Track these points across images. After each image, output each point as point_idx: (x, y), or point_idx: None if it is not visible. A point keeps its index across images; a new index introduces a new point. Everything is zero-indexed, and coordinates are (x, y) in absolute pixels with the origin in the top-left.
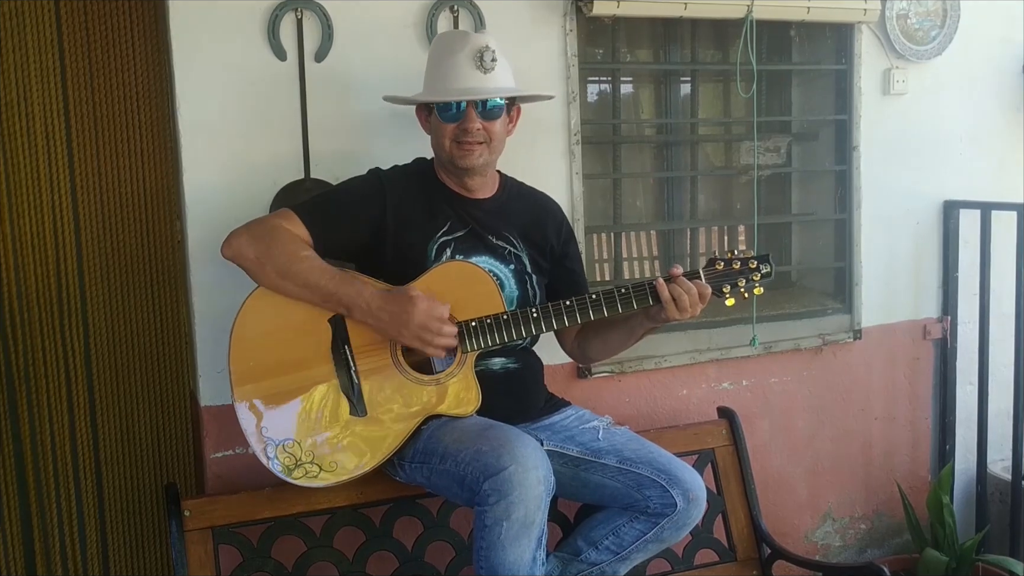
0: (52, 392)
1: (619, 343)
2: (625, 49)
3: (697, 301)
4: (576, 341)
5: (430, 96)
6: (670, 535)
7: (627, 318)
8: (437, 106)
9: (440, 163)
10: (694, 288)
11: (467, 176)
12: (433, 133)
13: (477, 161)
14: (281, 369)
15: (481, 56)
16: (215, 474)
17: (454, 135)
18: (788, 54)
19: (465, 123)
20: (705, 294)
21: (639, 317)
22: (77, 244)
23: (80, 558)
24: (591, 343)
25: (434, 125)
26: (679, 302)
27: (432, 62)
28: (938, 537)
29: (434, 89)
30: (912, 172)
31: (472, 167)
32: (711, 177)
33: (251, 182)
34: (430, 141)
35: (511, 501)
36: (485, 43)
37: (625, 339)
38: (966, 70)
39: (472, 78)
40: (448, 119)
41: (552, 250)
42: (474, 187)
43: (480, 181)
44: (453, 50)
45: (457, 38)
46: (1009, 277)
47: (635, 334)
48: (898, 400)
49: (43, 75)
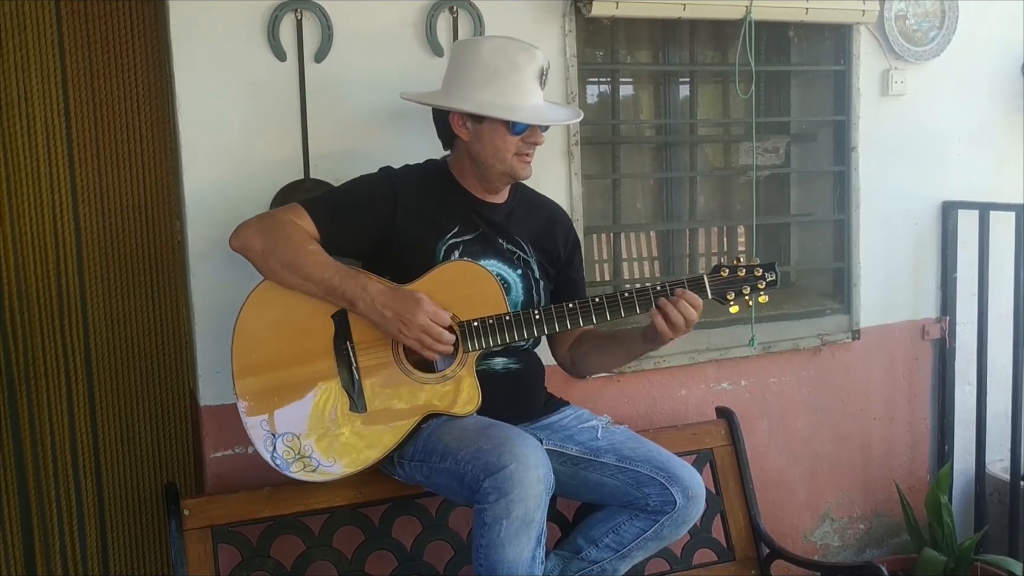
0: (52, 391)
1: (614, 360)
2: (624, 50)
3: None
4: (570, 353)
5: (509, 115)
6: (670, 532)
7: (625, 339)
8: (513, 123)
9: (482, 171)
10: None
11: (503, 183)
12: (486, 143)
13: (531, 172)
14: (283, 363)
15: (544, 74)
16: (214, 473)
17: (518, 148)
18: (787, 55)
19: (534, 138)
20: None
21: (637, 339)
22: (77, 244)
23: (80, 557)
24: (587, 358)
25: (490, 134)
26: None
27: (488, 71)
28: (936, 537)
29: (509, 106)
30: (911, 173)
31: (529, 176)
32: (710, 178)
33: (251, 182)
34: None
35: (511, 499)
36: (548, 62)
37: (622, 358)
38: (964, 71)
39: (536, 95)
40: (517, 133)
41: (559, 258)
42: (498, 194)
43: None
44: (518, 65)
45: (521, 52)
46: (1008, 278)
47: (632, 354)
48: (897, 400)
49: (43, 75)
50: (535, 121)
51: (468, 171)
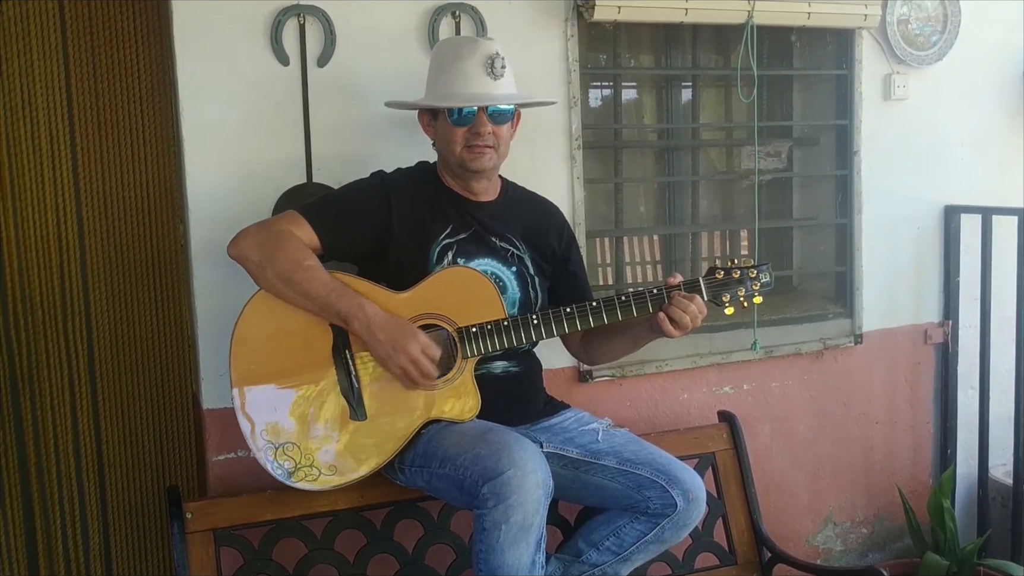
0: (55, 394)
1: (623, 350)
2: (627, 54)
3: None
4: (581, 345)
5: (442, 101)
6: (671, 535)
7: (631, 327)
8: (449, 111)
9: (447, 166)
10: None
11: (474, 179)
12: (440, 137)
13: (487, 164)
14: (282, 372)
15: (492, 63)
16: (217, 477)
17: (465, 139)
18: (789, 59)
19: (476, 127)
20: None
21: (643, 327)
22: (81, 247)
23: (83, 560)
24: (596, 348)
25: (442, 129)
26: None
27: (438, 66)
28: (939, 541)
29: (444, 94)
30: (913, 177)
31: (482, 169)
32: (712, 182)
33: (254, 186)
34: (433, 144)
35: (510, 505)
36: (496, 50)
37: (629, 347)
38: (967, 75)
39: (483, 84)
40: (459, 123)
41: (554, 253)
42: (479, 190)
43: (485, 184)
44: (461, 55)
45: (465, 44)
46: (1010, 281)
47: (639, 343)
48: (899, 404)
49: (48, 79)
50: (450, 103)
51: (444, 169)
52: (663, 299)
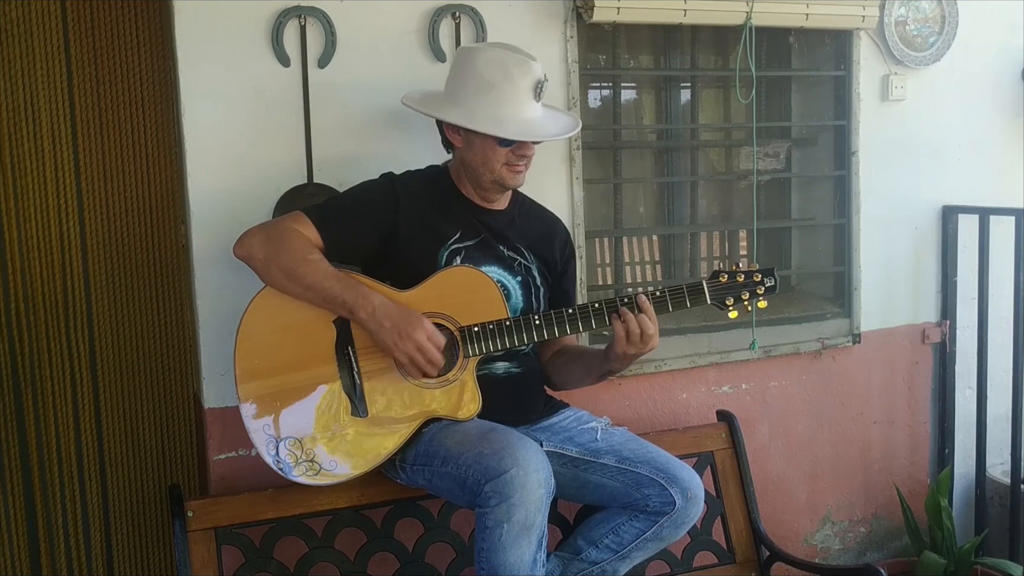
0: (57, 394)
1: (578, 378)
2: (626, 55)
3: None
4: (548, 363)
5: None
6: (669, 533)
7: (588, 356)
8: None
9: (474, 178)
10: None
11: (499, 192)
12: (476, 152)
13: (523, 180)
14: (285, 368)
15: (540, 88)
16: (218, 475)
17: (507, 159)
18: (787, 60)
19: (523, 150)
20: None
21: (598, 357)
22: (83, 247)
23: (84, 558)
24: (558, 370)
25: (481, 146)
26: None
27: (479, 82)
28: (937, 540)
29: (496, 118)
30: (911, 177)
31: (519, 185)
32: (711, 182)
33: (255, 186)
34: (448, 148)
35: (512, 503)
36: (543, 75)
37: (583, 375)
38: (964, 76)
39: (531, 108)
40: (505, 144)
41: (555, 266)
42: (496, 200)
43: (504, 195)
44: (512, 77)
45: (514, 64)
46: (1008, 282)
47: (592, 372)
48: (897, 404)
49: (50, 81)
50: (520, 137)
51: (464, 177)
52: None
